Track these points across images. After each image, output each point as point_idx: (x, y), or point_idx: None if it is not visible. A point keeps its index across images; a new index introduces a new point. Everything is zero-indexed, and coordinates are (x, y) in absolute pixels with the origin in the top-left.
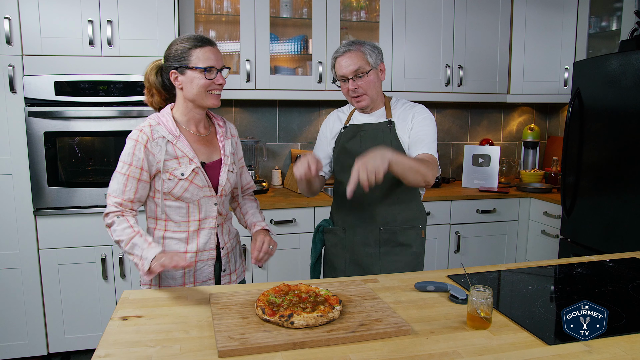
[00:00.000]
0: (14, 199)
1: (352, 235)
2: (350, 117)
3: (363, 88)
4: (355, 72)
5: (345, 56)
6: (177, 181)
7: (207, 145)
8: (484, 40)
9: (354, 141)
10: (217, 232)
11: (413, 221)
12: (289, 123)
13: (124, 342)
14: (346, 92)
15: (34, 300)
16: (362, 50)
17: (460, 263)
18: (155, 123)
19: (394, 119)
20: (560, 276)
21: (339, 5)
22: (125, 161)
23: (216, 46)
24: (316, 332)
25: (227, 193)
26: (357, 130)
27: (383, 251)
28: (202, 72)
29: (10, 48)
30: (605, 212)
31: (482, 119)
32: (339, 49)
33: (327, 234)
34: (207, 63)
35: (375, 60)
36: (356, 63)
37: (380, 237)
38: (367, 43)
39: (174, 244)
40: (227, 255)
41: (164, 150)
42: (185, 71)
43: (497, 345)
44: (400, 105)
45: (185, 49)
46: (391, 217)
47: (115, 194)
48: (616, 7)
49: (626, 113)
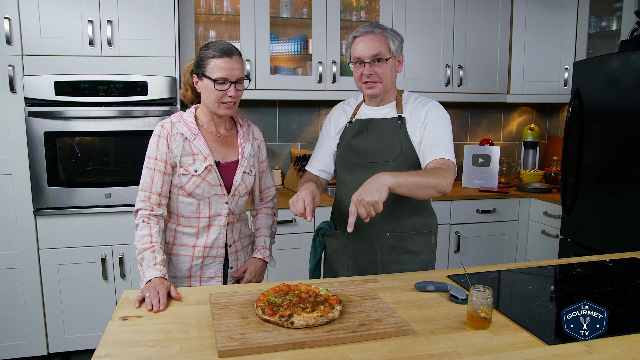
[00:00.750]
0: (14, 199)
1: (356, 241)
2: (356, 111)
3: (379, 75)
4: (374, 57)
5: (365, 37)
6: (189, 177)
7: (226, 145)
8: (484, 40)
9: (360, 138)
10: (227, 230)
11: (423, 226)
12: (289, 123)
13: (124, 342)
14: (359, 76)
15: (34, 300)
16: (385, 35)
17: (460, 263)
18: (177, 120)
19: (405, 115)
20: (560, 276)
21: (339, 5)
22: (151, 156)
23: (237, 57)
24: (316, 332)
25: (241, 194)
26: (364, 125)
27: (389, 259)
28: (214, 83)
29: (10, 48)
30: (605, 212)
31: (482, 119)
32: (360, 28)
33: (328, 238)
34: (220, 74)
35: (396, 48)
36: (377, 47)
37: (386, 244)
38: (390, 29)
39: (185, 238)
40: (236, 253)
41: (181, 146)
42: (203, 78)
43: (497, 345)
44: (412, 101)
45: (206, 57)
46: (399, 222)
47: (143, 187)
48: (616, 7)
49: (626, 113)
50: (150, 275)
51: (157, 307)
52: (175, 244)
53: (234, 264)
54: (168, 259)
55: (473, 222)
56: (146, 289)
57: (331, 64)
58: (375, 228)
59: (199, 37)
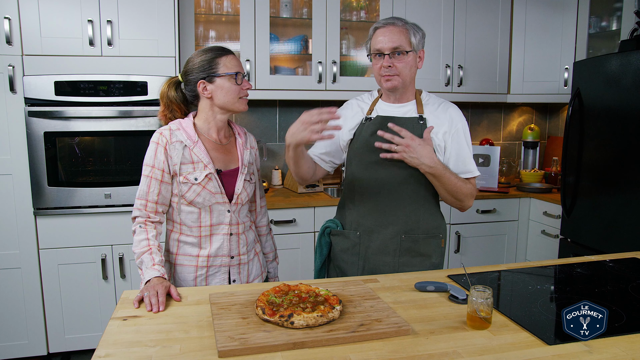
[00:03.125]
0: (14, 199)
1: (368, 241)
2: (373, 107)
3: (398, 68)
4: (394, 49)
5: (387, 29)
6: (190, 185)
7: (226, 153)
8: (484, 40)
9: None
10: (231, 241)
11: (435, 229)
12: (289, 123)
13: (124, 342)
14: (378, 68)
15: (34, 300)
16: (407, 28)
17: (460, 263)
18: (176, 127)
19: (426, 116)
20: (560, 276)
21: (339, 5)
22: (148, 163)
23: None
24: (316, 332)
25: (243, 202)
26: (384, 122)
27: (402, 261)
28: (233, 78)
29: (10, 48)
30: (605, 212)
31: (482, 119)
32: (381, 20)
33: (335, 237)
34: (235, 69)
35: (417, 43)
36: (397, 40)
37: (401, 246)
38: (412, 22)
39: (188, 248)
40: (239, 266)
41: (180, 154)
42: (214, 79)
43: (497, 345)
44: (432, 102)
45: (211, 59)
46: (414, 224)
47: (140, 195)
48: (616, 7)
49: (626, 113)
50: (149, 276)
51: (157, 308)
52: (179, 254)
53: (237, 277)
54: (173, 269)
55: (473, 222)
56: (145, 289)
57: (331, 64)
58: (390, 229)
59: (199, 37)
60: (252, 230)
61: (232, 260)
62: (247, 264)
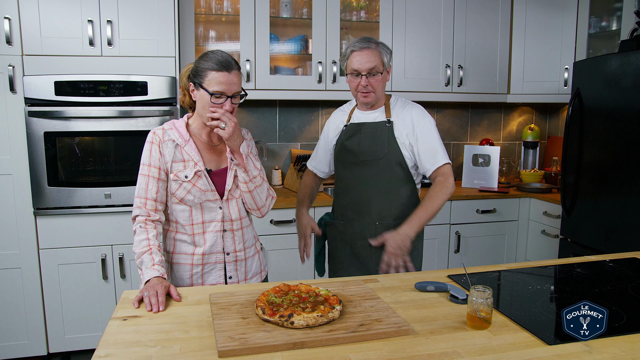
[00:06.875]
0: (14, 199)
1: (351, 228)
2: (351, 115)
3: (373, 86)
4: (370, 70)
5: (363, 52)
6: (180, 183)
7: (218, 154)
8: (484, 40)
9: (354, 139)
10: (225, 237)
11: (406, 216)
12: (289, 123)
13: (124, 342)
14: (355, 86)
15: (34, 300)
16: (379, 50)
17: (460, 263)
18: (169, 127)
19: (393, 119)
20: (560, 276)
21: (339, 5)
22: (145, 162)
23: (236, 71)
24: (316, 332)
25: (235, 197)
26: (357, 128)
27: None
28: (210, 96)
29: (10, 48)
30: (605, 212)
31: (482, 119)
32: (357, 43)
33: (328, 227)
34: (217, 88)
35: (387, 61)
36: (373, 61)
37: (376, 231)
38: (382, 43)
39: (183, 246)
40: (235, 263)
41: (172, 153)
42: (199, 88)
43: (497, 345)
44: (399, 105)
45: (205, 68)
46: (387, 212)
47: (139, 194)
48: (616, 7)
49: (626, 113)
50: (149, 276)
51: (157, 308)
52: (175, 253)
53: (234, 274)
54: (170, 268)
55: (473, 222)
56: (145, 289)
57: (331, 64)
58: (366, 218)
59: (199, 37)
60: (251, 227)
61: (227, 256)
62: (245, 261)
